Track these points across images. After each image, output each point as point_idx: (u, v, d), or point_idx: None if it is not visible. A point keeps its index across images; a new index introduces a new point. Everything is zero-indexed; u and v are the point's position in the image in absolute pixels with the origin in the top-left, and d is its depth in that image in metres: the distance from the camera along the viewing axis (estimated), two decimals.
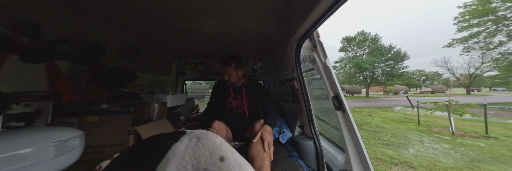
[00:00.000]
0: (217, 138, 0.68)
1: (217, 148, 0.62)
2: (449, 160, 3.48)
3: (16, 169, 0.67)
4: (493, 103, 15.04)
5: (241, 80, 1.73)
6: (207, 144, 0.63)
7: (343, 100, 1.03)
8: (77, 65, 1.36)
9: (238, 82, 1.71)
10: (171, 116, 2.15)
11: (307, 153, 1.30)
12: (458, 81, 20.23)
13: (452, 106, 6.08)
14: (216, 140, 0.66)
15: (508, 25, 18.39)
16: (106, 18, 1.32)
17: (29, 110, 1.01)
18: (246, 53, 2.53)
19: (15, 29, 0.97)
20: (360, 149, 0.97)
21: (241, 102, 1.68)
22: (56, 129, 0.90)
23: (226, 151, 0.61)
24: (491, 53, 20.98)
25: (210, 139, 0.66)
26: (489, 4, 18.29)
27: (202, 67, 3.07)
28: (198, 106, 3.34)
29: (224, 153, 0.59)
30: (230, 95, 1.70)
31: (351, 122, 0.99)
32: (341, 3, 0.73)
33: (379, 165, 3.28)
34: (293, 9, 1.07)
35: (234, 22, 1.42)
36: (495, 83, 27.89)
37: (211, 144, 0.63)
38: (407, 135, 5.23)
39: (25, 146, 0.72)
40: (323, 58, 1.12)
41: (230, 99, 1.70)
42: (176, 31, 1.64)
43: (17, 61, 1.00)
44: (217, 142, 0.65)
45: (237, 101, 1.69)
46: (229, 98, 1.70)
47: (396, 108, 12.07)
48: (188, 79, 3.17)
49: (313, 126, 1.33)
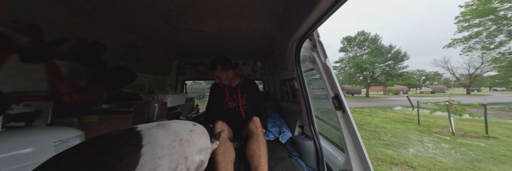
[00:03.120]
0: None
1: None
2: (449, 160, 3.48)
3: (16, 169, 0.67)
4: (493, 103, 15.02)
5: (234, 80, 1.72)
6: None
7: (343, 100, 1.03)
8: (77, 65, 1.36)
9: (232, 83, 1.70)
10: (171, 116, 2.15)
11: (307, 153, 1.30)
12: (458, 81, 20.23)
13: (452, 106, 6.07)
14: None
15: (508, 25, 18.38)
16: (106, 18, 1.32)
17: (29, 110, 1.01)
18: (246, 53, 2.53)
19: (15, 29, 0.97)
20: (360, 149, 0.97)
21: (237, 103, 1.69)
22: (56, 129, 0.90)
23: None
24: (492, 53, 20.98)
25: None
26: (490, 4, 18.29)
27: (202, 67, 3.07)
28: (198, 106, 3.35)
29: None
30: (226, 96, 1.71)
31: (351, 122, 0.99)
32: (342, 3, 0.73)
33: (379, 165, 3.28)
34: (293, 9, 1.07)
35: (234, 22, 1.42)
36: (495, 83, 27.86)
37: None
38: (407, 135, 5.23)
39: (25, 146, 0.72)
40: (323, 58, 1.12)
41: (226, 100, 1.71)
42: (176, 31, 1.64)
43: (17, 61, 1.00)
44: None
45: (233, 102, 1.70)
46: (225, 99, 1.71)
47: (396, 108, 12.06)
48: (188, 79, 3.17)
49: (313, 126, 1.33)
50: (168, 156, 0.55)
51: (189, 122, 0.80)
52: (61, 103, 1.16)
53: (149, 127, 0.63)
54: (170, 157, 0.56)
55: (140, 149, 0.52)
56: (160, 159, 0.53)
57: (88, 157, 0.47)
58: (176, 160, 0.57)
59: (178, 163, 0.58)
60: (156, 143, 0.56)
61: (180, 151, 0.60)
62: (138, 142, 0.54)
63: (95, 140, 0.54)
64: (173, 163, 0.56)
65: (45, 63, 1.13)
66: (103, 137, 0.56)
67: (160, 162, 0.53)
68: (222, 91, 1.73)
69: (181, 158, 0.60)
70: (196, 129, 0.75)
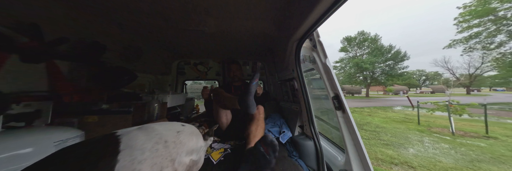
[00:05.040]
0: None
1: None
2: (449, 160, 3.48)
3: (16, 169, 0.67)
4: (493, 103, 15.02)
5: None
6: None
7: (343, 100, 1.03)
8: (77, 65, 1.36)
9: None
10: (171, 116, 2.16)
11: (307, 153, 1.30)
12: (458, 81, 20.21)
13: (452, 106, 6.08)
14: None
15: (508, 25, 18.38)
16: (106, 18, 1.32)
17: (29, 110, 1.01)
18: (246, 53, 2.53)
19: (15, 29, 0.97)
20: (360, 149, 0.97)
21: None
22: (56, 129, 0.90)
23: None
24: (492, 52, 20.96)
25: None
26: (489, 4, 18.29)
27: (202, 67, 3.06)
28: (198, 106, 3.34)
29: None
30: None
31: (351, 122, 0.99)
32: (342, 2, 0.73)
33: (379, 165, 3.28)
34: (293, 9, 1.07)
35: (234, 22, 1.42)
36: (495, 83, 27.85)
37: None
38: (407, 135, 5.23)
39: (25, 146, 0.72)
40: (323, 58, 1.12)
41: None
42: (176, 31, 1.64)
43: (17, 61, 1.00)
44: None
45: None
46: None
47: (396, 108, 12.06)
48: (188, 79, 3.17)
49: (313, 126, 1.33)
50: (150, 160, 0.53)
51: (177, 123, 0.79)
52: (61, 103, 1.16)
53: (128, 131, 0.61)
54: (152, 161, 0.54)
55: (117, 155, 0.50)
56: (140, 163, 0.51)
57: (63, 162, 0.45)
58: (160, 163, 0.56)
59: (163, 166, 0.56)
60: (136, 147, 0.54)
61: (165, 154, 0.58)
62: (115, 147, 0.52)
63: (67, 148, 0.52)
64: (156, 166, 0.54)
65: (45, 63, 1.13)
66: (78, 145, 0.54)
67: (140, 167, 0.50)
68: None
69: (167, 161, 0.58)
70: (185, 130, 0.73)
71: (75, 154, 0.49)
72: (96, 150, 0.50)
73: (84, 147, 0.52)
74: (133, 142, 0.55)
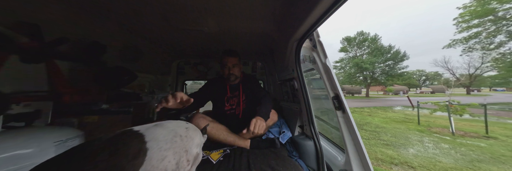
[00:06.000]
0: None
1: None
2: (449, 160, 3.48)
3: (16, 169, 0.67)
4: (493, 103, 15.02)
5: (238, 78, 1.65)
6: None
7: (343, 100, 1.03)
8: (77, 65, 1.36)
9: (235, 80, 1.62)
10: (171, 116, 2.15)
11: (307, 153, 1.30)
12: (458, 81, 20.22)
13: (452, 106, 6.07)
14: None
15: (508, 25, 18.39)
16: (106, 18, 1.32)
17: (29, 110, 1.01)
18: (246, 53, 2.53)
19: (15, 29, 0.97)
20: (360, 149, 0.97)
21: (238, 100, 1.65)
22: (56, 129, 0.90)
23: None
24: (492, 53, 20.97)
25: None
26: (488, 5, 18.30)
27: (202, 67, 3.06)
28: None
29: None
30: (226, 94, 1.65)
31: (351, 122, 0.99)
32: (342, 3, 0.73)
33: (379, 165, 3.28)
34: (293, 9, 1.07)
35: (234, 22, 1.42)
36: (495, 83, 27.86)
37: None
38: (407, 135, 5.23)
39: (25, 146, 0.72)
40: (323, 58, 1.12)
41: (226, 98, 1.66)
42: (176, 31, 1.64)
43: (17, 61, 1.00)
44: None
45: (235, 98, 1.67)
46: (225, 97, 1.66)
47: (396, 108, 12.06)
48: (188, 79, 3.17)
49: (313, 126, 1.33)
50: (172, 149, 0.63)
51: (181, 121, 0.89)
52: (61, 103, 1.16)
53: (147, 127, 0.69)
54: (174, 150, 0.63)
55: (146, 144, 0.58)
56: (166, 151, 0.60)
57: (94, 155, 0.49)
58: (179, 153, 0.65)
59: (181, 156, 0.65)
60: (159, 139, 0.62)
61: (181, 145, 0.68)
62: (141, 139, 0.59)
63: (91, 142, 0.56)
64: (177, 155, 0.63)
65: (45, 63, 1.13)
66: (100, 139, 0.57)
67: (166, 154, 0.60)
68: (222, 88, 1.64)
69: (182, 151, 0.67)
70: (190, 127, 0.85)
71: (102, 142, 0.54)
72: (123, 141, 0.56)
73: (108, 141, 0.56)
74: (156, 135, 0.64)
